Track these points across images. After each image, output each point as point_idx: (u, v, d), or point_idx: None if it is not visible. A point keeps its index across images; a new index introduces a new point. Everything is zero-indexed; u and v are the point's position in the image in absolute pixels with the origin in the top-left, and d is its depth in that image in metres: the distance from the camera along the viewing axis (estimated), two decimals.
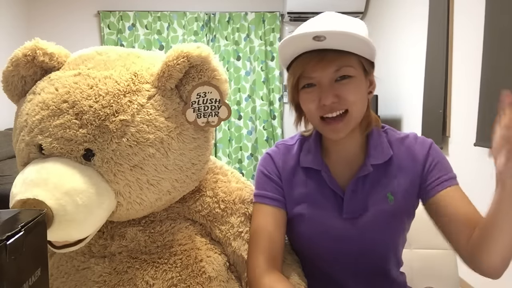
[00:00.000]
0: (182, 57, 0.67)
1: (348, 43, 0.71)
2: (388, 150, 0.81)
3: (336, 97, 0.73)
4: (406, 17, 2.73)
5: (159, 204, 0.73)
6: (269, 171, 0.84)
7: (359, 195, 0.79)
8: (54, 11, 3.57)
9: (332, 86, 0.74)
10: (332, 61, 0.72)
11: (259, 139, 3.74)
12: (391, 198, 0.79)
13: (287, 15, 3.55)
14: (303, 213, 0.81)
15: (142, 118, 0.65)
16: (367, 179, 0.80)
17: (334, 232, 0.79)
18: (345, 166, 0.82)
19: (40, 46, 0.68)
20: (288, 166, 0.84)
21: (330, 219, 0.79)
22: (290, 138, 0.90)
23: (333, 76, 0.74)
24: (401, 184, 0.80)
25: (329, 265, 0.83)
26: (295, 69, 0.76)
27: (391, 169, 0.80)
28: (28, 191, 0.56)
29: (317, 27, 0.74)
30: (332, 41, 0.69)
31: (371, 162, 0.79)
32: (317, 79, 0.74)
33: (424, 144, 0.82)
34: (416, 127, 2.49)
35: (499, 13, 1.64)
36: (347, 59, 0.73)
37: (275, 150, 0.88)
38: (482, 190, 1.77)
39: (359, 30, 0.72)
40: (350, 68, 0.73)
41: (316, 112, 0.76)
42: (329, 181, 0.80)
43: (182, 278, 0.71)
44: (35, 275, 0.38)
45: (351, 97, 0.73)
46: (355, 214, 0.79)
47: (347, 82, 0.74)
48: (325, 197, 0.81)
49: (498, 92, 1.75)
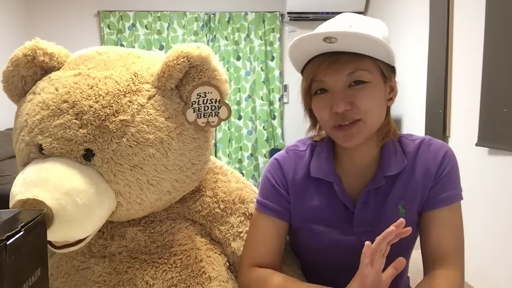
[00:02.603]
0: (182, 57, 0.67)
1: (362, 46, 0.66)
2: (402, 162, 0.76)
3: (349, 104, 0.68)
4: (406, 16, 2.73)
5: (159, 204, 0.73)
6: (276, 181, 0.80)
7: (370, 207, 0.75)
8: (54, 11, 3.56)
9: (345, 92, 0.69)
10: (345, 64, 0.67)
11: (259, 139, 3.74)
12: (403, 211, 0.75)
13: (287, 15, 3.54)
14: (310, 227, 0.78)
15: (142, 118, 0.65)
16: (378, 191, 0.76)
17: (343, 246, 0.76)
18: (357, 177, 0.78)
19: (40, 46, 0.68)
20: (298, 177, 0.80)
21: (339, 234, 0.76)
22: (301, 143, 0.85)
23: (347, 81, 0.69)
24: (413, 196, 0.75)
25: (333, 274, 0.79)
26: (307, 72, 0.72)
27: (403, 180, 0.76)
28: (28, 191, 0.56)
29: (330, 28, 0.70)
30: (345, 43, 0.65)
31: (384, 173, 0.75)
32: (329, 83, 0.70)
33: (437, 155, 0.76)
34: (416, 127, 2.49)
35: (500, 12, 1.64)
36: (362, 62, 0.67)
37: (285, 157, 0.83)
38: (483, 189, 1.78)
39: (376, 31, 0.67)
40: (365, 72, 0.68)
41: (329, 120, 0.71)
42: (341, 195, 0.76)
43: (182, 278, 0.71)
44: (35, 275, 0.38)
45: (365, 105, 0.68)
46: (367, 227, 0.75)
47: (362, 88, 0.68)
48: (335, 211, 0.77)
49: (500, 92, 1.75)
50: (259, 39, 3.70)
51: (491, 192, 1.71)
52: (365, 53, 0.67)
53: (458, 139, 2.04)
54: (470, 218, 1.81)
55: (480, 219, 1.76)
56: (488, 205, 1.72)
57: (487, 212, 1.72)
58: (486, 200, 1.73)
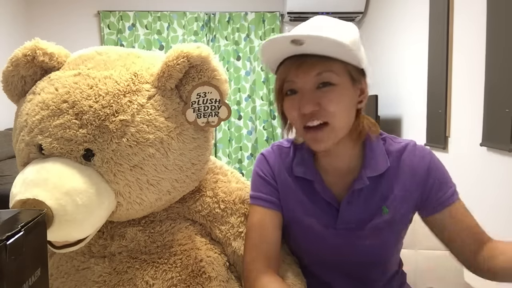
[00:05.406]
0: (182, 57, 0.67)
1: (330, 49, 0.66)
2: (385, 162, 0.78)
3: (317, 105, 0.70)
4: (406, 16, 2.73)
5: (159, 204, 0.73)
6: (264, 173, 0.83)
7: (354, 207, 0.77)
8: (54, 11, 3.56)
9: (313, 93, 0.70)
10: (312, 66, 0.69)
11: (259, 139, 3.74)
12: (386, 211, 0.77)
13: (287, 15, 3.54)
14: (300, 220, 0.80)
15: (142, 118, 0.65)
16: (362, 191, 0.77)
17: (329, 242, 0.78)
18: (339, 177, 0.80)
19: (40, 46, 0.68)
20: (282, 172, 0.83)
21: (324, 230, 0.78)
22: (286, 141, 0.88)
23: (315, 82, 0.70)
24: (397, 197, 0.77)
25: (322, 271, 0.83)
26: (279, 74, 0.74)
27: (387, 181, 0.78)
28: (28, 191, 0.56)
29: (299, 31, 0.71)
30: (311, 46, 0.66)
31: (367, 174, 0.76)
32: (298, 85, 0.71)
33: (424, 158, 0.79)
34: (417, 127, 2.49)
35: (502, 11, 1.64)
36: (329, 64, 0.69)
37: (269, 151, 0.86)
38: (485, 189, 1.78)
39: (345, 34, 0.68)
40: (332, 74, 0.69)
41: (298, 121, 0.73)
42: (322, 192, 0.78)
43: (182, 278, 0.71)
44: (35, 275, 0.38)
45: (331, 107, 0.69)
46: (350, 225, 0.77)
47: (328, 90, 0.69)
48: (319, 207, 0.79)
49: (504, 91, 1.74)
50: (259, 39, 3.70)
51: (493, 192, 1.71)
52: (332, 56, 0.68)
53: (459, 139, 2.04)
54: None
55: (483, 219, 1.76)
56: (490, 205, 1.72)
57: (490, 212, 1.72)
58: (489, 200, 1.73)
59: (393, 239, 0.80)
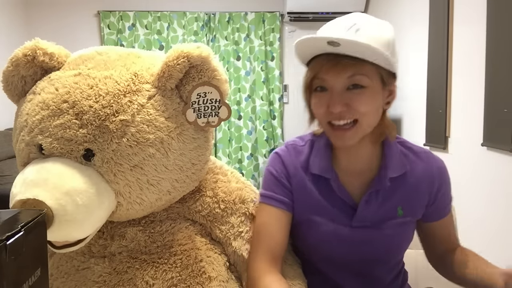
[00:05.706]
0: (182, 57, 0.66)
1: (363, 52, 0.67)
2: (404, 164, 0.80)
3: (346, 106, 0.71)
4: (406, 17, 2.73)
5: (159, 204, 0.73)
6: (279, 173, 0.82)
7: (372, 206, 0.78)
8: (54, 11, 3.56)
9: (343, 94, 0.71)
10: (346, 68, 0.69)
11: (259, 139, 3.74)
12: (401, 213, 0.79)
13: (287, 15, 3.54)
14: (312, 220, 0.80)
15: (142, 118, 0.65)
16: (380, 191, 0.79)
17: (342, 240, 0.79)
18: (356, 175, 0.81)
19: (40, 46, 0.68)
20: (298, 171, 0.82)
21: (339, 229, 0.79)
22: (300, 139, 0.88)
23: (346, 83, 0.71)
24: (412, 199, 0.80)
25: (329, 268, 0.83)
26: (311, 69, 0.75)
27: (404, 183, 0.79)
28: (28, 191, 0.56)
29: (337, 30, 0.71)
30: (347, 48, 0.67)
31: (389, 175, 0.78)
32: (329, 83, 0.72)
33: (440, 168, 0.82)
34: (417, 127, 2.49)
35: (502, 11, 1.64)
36: (362, 67, 0.69)
37: (284, 150, 0.85)
38: (487, 189, 1.78)
39: (381, 37, 0.69)
40: (364, 77, 0.70)
41: (324, 117, 0.74)
42: (338, 191, 0.79)
43: (182, 278, 0.71)
44: (35, 275, 0.38)
45: (361, 108, 0.71)
46: (366, 223, 0.78)
47: (359, 92, 0.71)
48: (335, 205, 0.79)
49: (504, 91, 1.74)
50: (259, 39, 3.70)
51: (493, 191, 1.71)
52: (367, 59, 0.69)
53: (459, 139, 2.04)
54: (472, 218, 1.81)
55: (483, 219, 1.76)
56: (490, 205, 1.72)
57: (490, 212, 1.72)
58: (489, 200, 1.73)
59: (404, 239, 0.82)
